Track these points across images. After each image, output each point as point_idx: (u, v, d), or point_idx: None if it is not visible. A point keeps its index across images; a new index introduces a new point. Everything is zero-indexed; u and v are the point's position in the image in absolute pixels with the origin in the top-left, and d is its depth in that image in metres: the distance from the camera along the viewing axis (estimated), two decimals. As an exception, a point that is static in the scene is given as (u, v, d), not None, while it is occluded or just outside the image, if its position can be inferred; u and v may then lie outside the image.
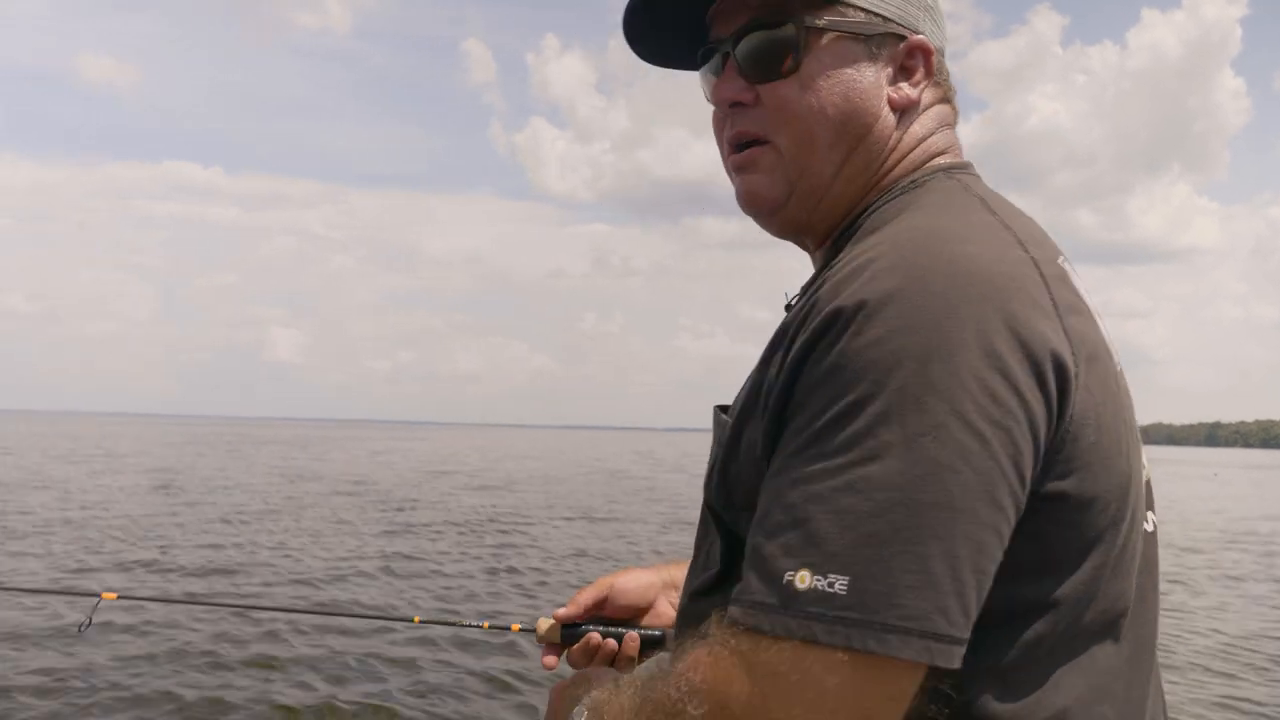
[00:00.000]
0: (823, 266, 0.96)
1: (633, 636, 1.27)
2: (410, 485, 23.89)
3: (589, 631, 1.27)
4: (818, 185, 0.96)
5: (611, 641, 1.27)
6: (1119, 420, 0.82)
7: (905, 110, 0.97)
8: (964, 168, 0.98)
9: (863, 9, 0.94)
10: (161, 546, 11.40)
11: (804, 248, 1.04)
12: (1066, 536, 0.79)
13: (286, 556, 10.91)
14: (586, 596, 1.30)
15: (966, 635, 0.71)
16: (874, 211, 0.94)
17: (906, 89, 0.96)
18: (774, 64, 0.93)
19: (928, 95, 0.99)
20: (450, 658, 6.64)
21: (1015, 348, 0.74)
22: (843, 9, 0.93)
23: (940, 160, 0.98)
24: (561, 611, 1.29)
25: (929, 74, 0.98)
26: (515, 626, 1.57)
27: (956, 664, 0.70)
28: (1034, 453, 0.75)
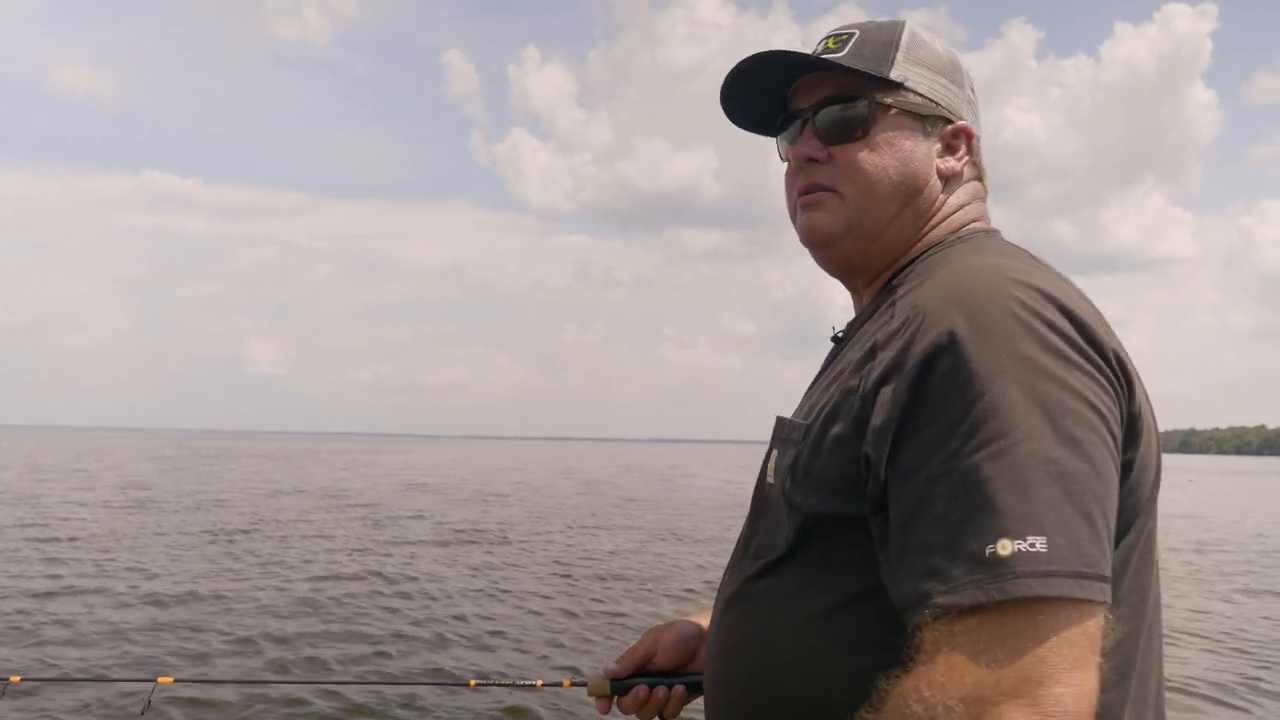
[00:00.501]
0: (873, 303, 1.14)
1: (679, 688, 1.37)
2: (401, 499, 23.74)
3: (637, 684, 1.37)
4: (873, 230, 1.15)
5: (661, 689, 1.37)
6: (1153, 424, 1.00)
7: (949, 179, 1.17)
8: (998, 232, 1.19)
9: (921, 95, 1.15)
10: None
11: (851, 287, 1.23)
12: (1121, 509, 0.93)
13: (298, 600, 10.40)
14: (637, 654, 1.39)
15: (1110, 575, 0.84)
16: (925, 258, 1.12)
17: (952, 161, 1.17)
18: (847, 130, 1.14)
19: (967, 171, 1.19)
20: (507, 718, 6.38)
21: (1096, 344, 0.92)
22: (905, 93, 1.15)
23: (977, 225, 1.19)
24: (613, 667, 1.39)
25: (970, 153, 1.19)
26: (566, 683, 1.65)
27: (1110, 599, 0.84)
28: (1120, 431, 0.92)
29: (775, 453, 1.12)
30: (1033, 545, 0.81)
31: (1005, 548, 0.81)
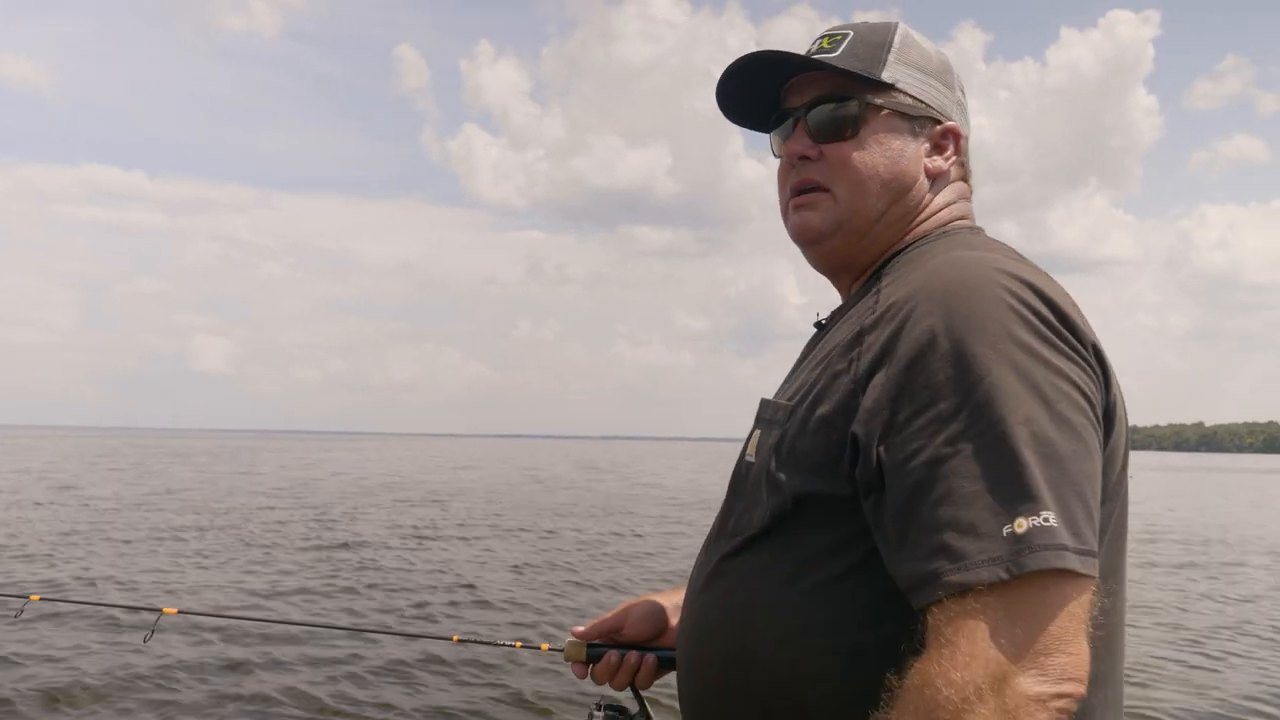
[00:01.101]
0: (859, 293, 1.16)
1: (650, 657, 1.39)
2: (347, 498, 23.48)
3: (607, 652, 1.40)
4: (862, 226, 1.17)
5: (632, 656, 1.39)
6: (1125, 412, 1.03)
7: (936, 178, 1.20)
8: (982, 230, 1.22)
9: (911, 96, 1.18)
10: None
11: (836, 281, 1.26)
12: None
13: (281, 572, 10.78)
14: (606, 623, 1.42)
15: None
16: (910, 251, 1.15)
17: (939, 161, 1.20)
18: (839, 129, 1.17)
19: (954, 171, 1.22)
20: (484, 674, 6.88)
21: (1078, 334, 0.96)
22: (895, 94, 1.17)
23: (962, 222, 1.21)
24: (579, 630, 1.42)
25: (957, 152, 1.21)
26: (544, 646, 1.74)
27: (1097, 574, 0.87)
28: (1100, 415, 0.96)
29: (758, 433, 1.13)
30: (1046, 520, 0.83)
31: (1021, 525, 0.83)
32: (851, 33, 1.19)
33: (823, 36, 1.21)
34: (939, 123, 1.20)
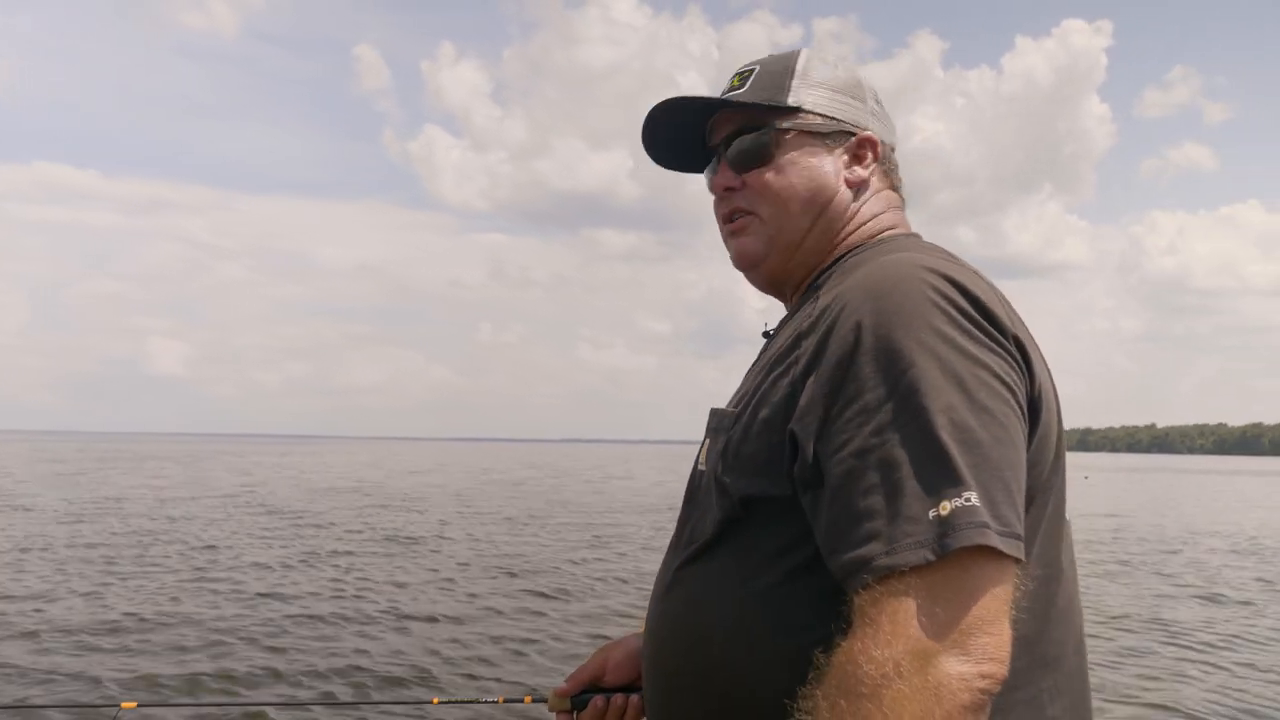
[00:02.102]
0: (799, 302, 1.21)
1: (635, 699, 1.39)
2: (313, 504, 23.15)
3: (593, 698, 1.40)
4: (791, 242, 1.24)
5: (618, 699, 1.39)
6: (1054, 405, 1.07)
7: (858, 188, 1.25)
8: (918, 236, 1.25)
9: (820, 115, 1.24)
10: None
11: (782, 298, 1.31)
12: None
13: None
14: (585, 673, 1.43)
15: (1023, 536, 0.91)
16: (845, 260, 1.19)
17: (858, 170, 1.25)
18: (754, 158, 1.24)
19: (877, 180, 1.27)
20: None
21: (999, 326, 1.00)
22: (805, 115, 1.23)
23: (896, 230, 1.26)
24: (562, 687, 1.42)
25: (876, 159, 1.26)
26: (527, 699, 1.70)
27: (1024, 558, 0.90)
28: (1024, 405, 0.99)
29: (708, 442, 1.17)
30: (968, 500, 0.87)
31: (945, 508, 0.87)
32: (758, 67, 1.26)
33: (734, 76, 1.28)
34: (854, 135, 1.25)
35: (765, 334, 1.30)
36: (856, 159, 1.25)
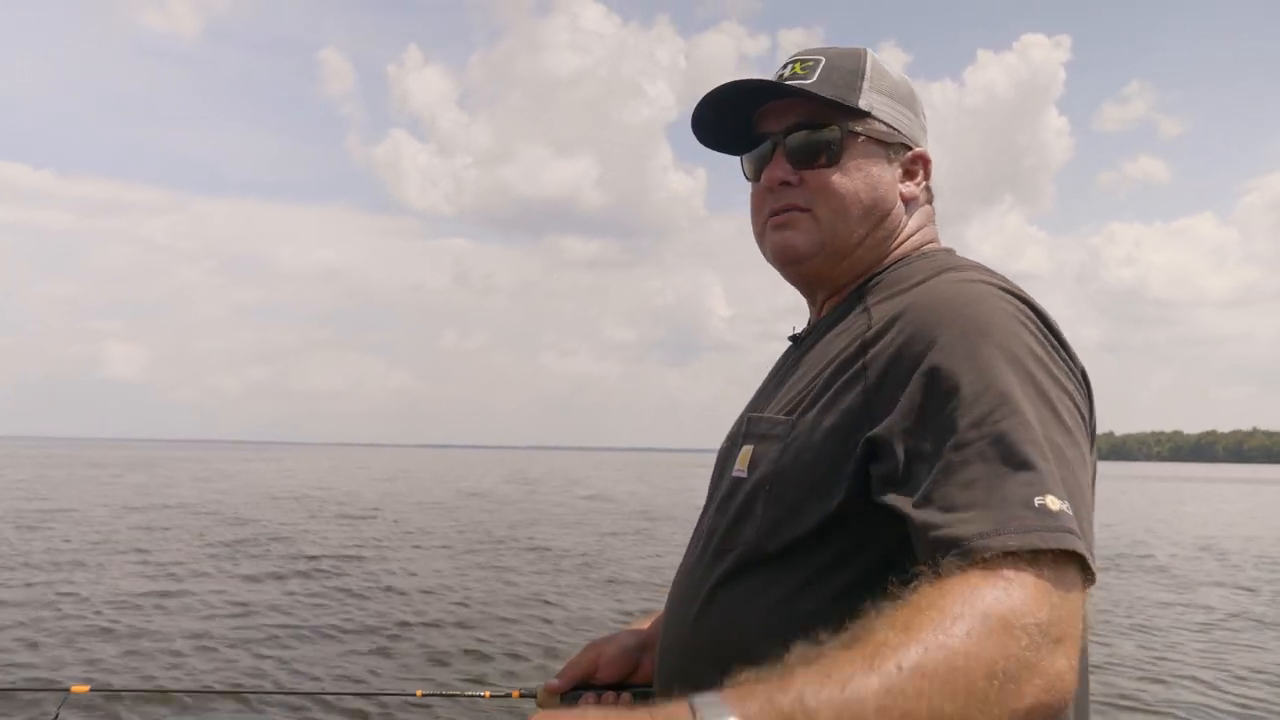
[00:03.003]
0: (840, 310, 1.20)
1: (625, 696, 1.37)
2: (266, 524, 22.84)
3: (584, 694, 1.37)
4: (843, 249, 1.21)
5: (609, 697, 1.36)
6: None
7: (909, 202, 1.25)
8: (953, 251, 1.26)
9: (885, 123, 1.22)
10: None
11: (811, 298, 1.29)
12: None
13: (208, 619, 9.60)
14: (577, 669, 1.39)
15: None
16: (889, 272, 1.20)
17: (912, 186, 1.25)
18: (818, 155, 1.19)
19: (923, 195, 1.27)
20: None
21: (1072, 355, 1.03)
22: (871, 121, 1.21)
23: (934, 245, 1.27)
24: (554, 683, 1.38)
25: (926, 178, 1.27)
26: (515, 694, 1.66)
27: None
28: (1090, 433, 1.02)
29: (751, 448, 1.12)
30: (1065, 507, 0.84)
31: (1054, 503, 0.84)
32: (824, 59, 1.21)
33: (794, 61, 1.23)
34: (909, 148, 1.24)
35: (792, 338, 1.28)
36: (909, 174, 1.25)
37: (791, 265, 1.24)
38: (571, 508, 26.35)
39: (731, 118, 1.26)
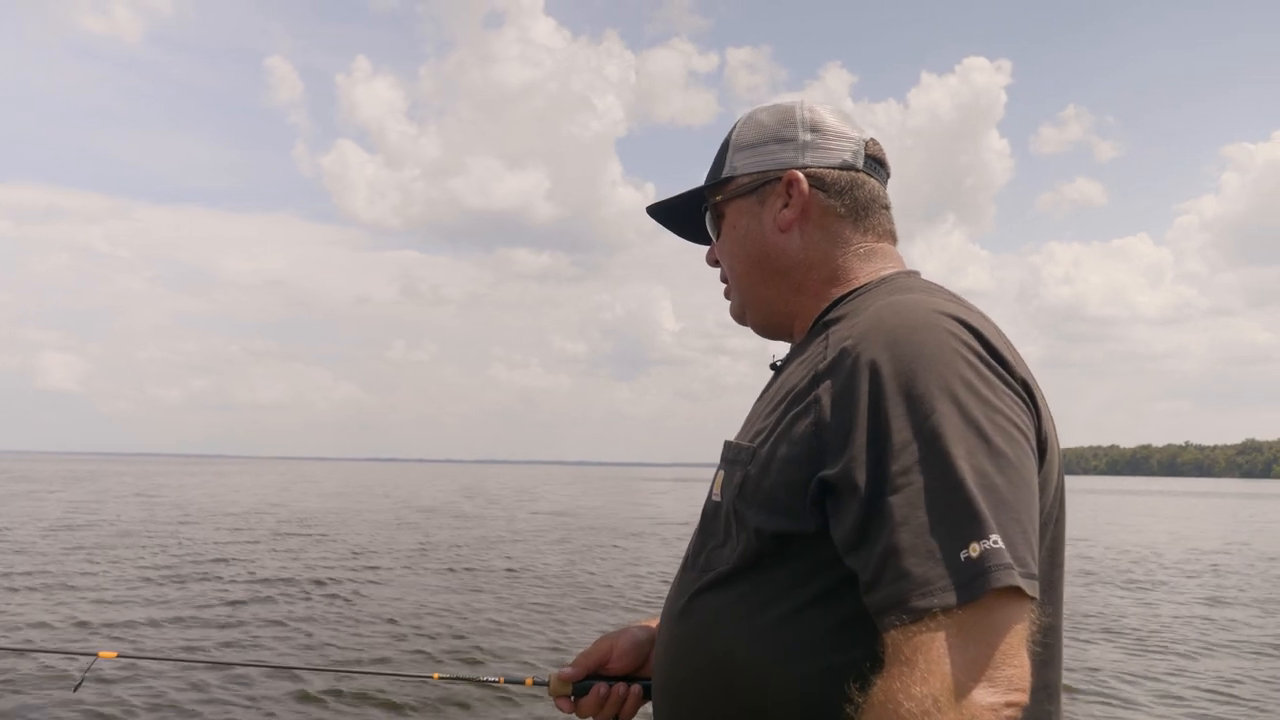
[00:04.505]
0: (808, 337, 1.22)
1: (636, 688, 1.43)
2: (257, 528, 22.44)
3: (595, 684, 1.43)
4: (756, 299, 1.31)
5: (620, 688, 1.43)
6: (1056, 444, 1.12)
7: (795, 226, 1.25)
8: (917, 273, 1.27)
9: (747, 175, 1.28)
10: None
11: (786, 339, 1.33)
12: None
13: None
14: (589, 659, 1.45)
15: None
16: (850, 299, 1.20)
17: (786, 214, 1.25)
18: (712, 234, 1.35)
19: (819, 212, 1.25)
20: (467, 712, 6.61)
21: (1011, 371, 1.04)
22: (734, 182, 1.29)
23: (891, 268, 1.25)
24: (567, 671, 1.44)
25: (802, 194, 1.24)
26: (529, 681, 1.69)
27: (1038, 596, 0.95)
28: (1035, 446, 1.04)
29: (722, 473, 1.19)
30: (995, 542, 0.91)
31: (975, 549, 0.91)
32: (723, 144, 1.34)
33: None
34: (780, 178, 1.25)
35: (773, 366, 1.30)
36: (786, 202, 1.25)
37: (742, 325, 1.36)
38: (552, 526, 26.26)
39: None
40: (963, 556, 0.91)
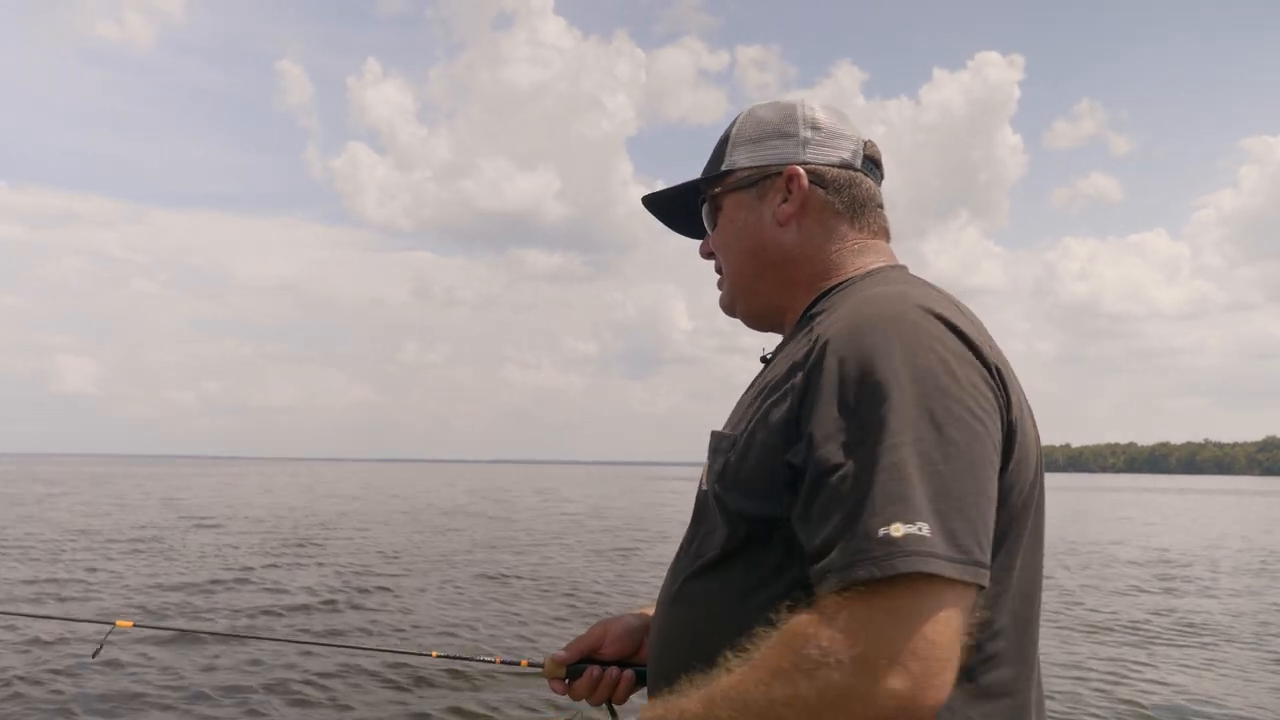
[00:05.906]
0: (794, 330, 1.26)
1: (629, 673, 1.47)
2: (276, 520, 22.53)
3: (589, 667, 1.47)
4: (747, 290, 1.34)
5: (612, 672, 1.46)
6: (1031, 430, 1.15)
7: (793, 220, 1.28)
8: (904, 268, 1.30)
9: (747, 169, 1.31)
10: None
11: (777, 331, 1.36)
12: (1003, 512, 1.05)
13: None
14: (583, 643, 1.49)
15: (989, 562, 0.97)
16: (835, 292, 1.23)
17: (785, 208, 1.28)
18: (709, 227, 1.38)
19: (818, 208, 1.28)
20: (463, 691, 6.96)
21: (980, 358, 1.06)
22: (734, 176, 1.32)
23: (879, 262, 1.28)
24: (561, 654, 1.48)
25: (801, 190, 1.27)
26: (524, 662, 1.75)
27: (987, 584, 0.96)
28: (1002, 438, 1.05)
29: (709, 462, 1.23)
30: (920, 529, 0.92)
31: (898, 530, 0.92)
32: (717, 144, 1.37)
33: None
34: (781, 173, 1.29)
35: (763, 359, 1.33)
36: (787, 194, 1.28)
37: (731, 316, 1.39)
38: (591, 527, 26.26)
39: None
40: (881, 534, 0.92)
